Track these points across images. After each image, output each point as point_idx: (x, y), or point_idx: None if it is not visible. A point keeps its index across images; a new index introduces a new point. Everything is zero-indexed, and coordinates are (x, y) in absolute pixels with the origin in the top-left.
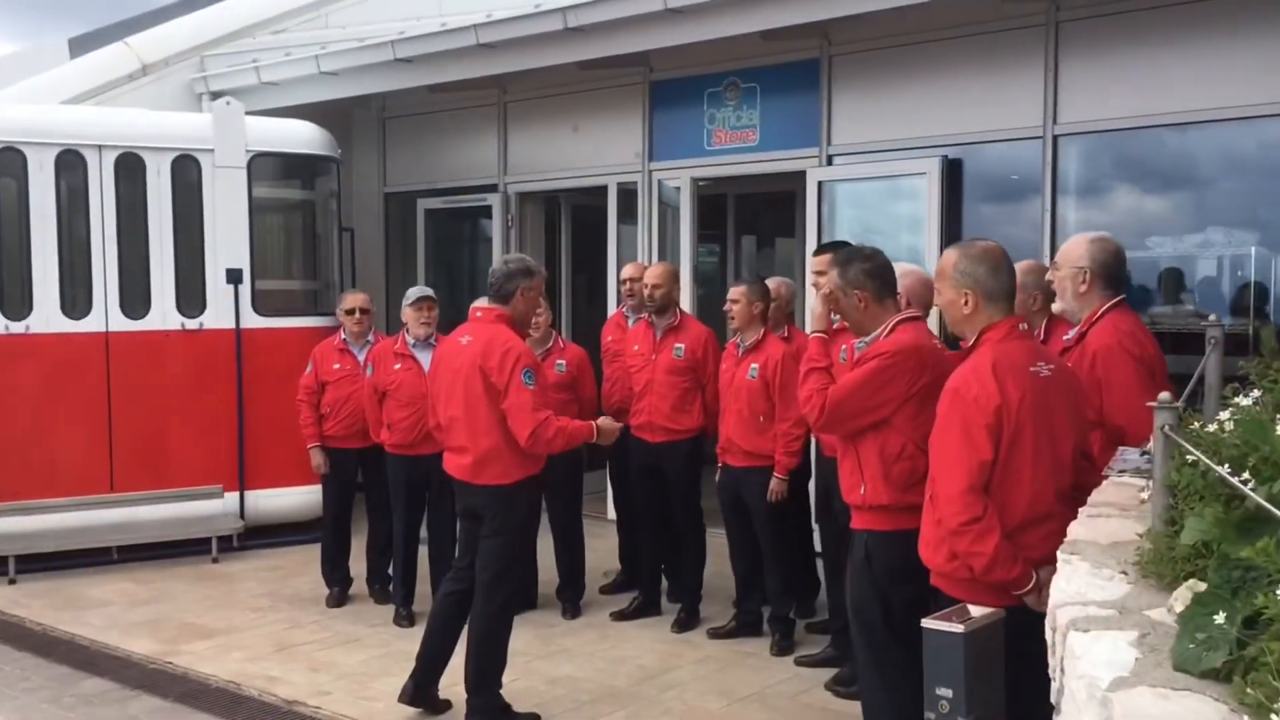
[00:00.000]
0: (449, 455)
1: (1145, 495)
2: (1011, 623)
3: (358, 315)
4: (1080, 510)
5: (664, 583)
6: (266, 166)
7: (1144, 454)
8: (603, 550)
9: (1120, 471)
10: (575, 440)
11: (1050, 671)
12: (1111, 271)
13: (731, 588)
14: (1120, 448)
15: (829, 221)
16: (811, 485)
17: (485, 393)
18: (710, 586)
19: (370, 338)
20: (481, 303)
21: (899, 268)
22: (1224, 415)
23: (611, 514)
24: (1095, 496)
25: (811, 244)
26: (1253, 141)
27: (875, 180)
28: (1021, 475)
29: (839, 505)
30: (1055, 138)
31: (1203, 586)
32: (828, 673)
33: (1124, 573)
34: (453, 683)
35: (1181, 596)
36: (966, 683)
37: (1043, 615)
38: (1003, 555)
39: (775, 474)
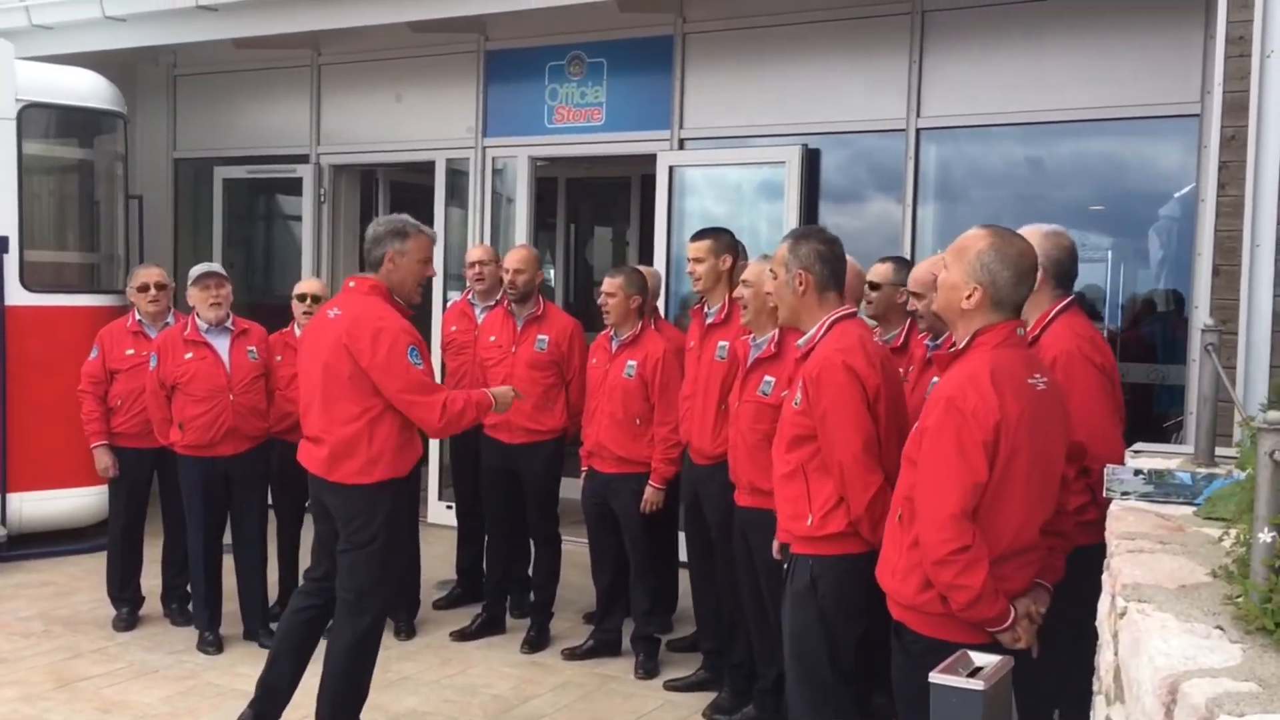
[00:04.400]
0: (304, 445)
1: (1226, 536)
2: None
3: (153, 292)
4: (1110, 541)
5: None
6: (41, 120)
7: (1138, 474)
8: (431, 558)
9: (1123, 494)
10: (484, 409)
11: None
12: (1065, 269)
13: (580, 601)
14: (1109, 466)
15: (679, 209)
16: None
17: (349, 376)
18: (557, 600)
19: (170, 319)
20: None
21: None
22: None
23: (434, 517)
24: (1115, 526)
25: (661, 233)
26: (1115, 144)
27: (732, 167)
28: (1013, 502)
29: (712, 516)
30: (918, 131)
31: None
32: (703, 698)
33: (1220, 629)
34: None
35: None
36: None
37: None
38: (987, 591)
39: (651, 483)
